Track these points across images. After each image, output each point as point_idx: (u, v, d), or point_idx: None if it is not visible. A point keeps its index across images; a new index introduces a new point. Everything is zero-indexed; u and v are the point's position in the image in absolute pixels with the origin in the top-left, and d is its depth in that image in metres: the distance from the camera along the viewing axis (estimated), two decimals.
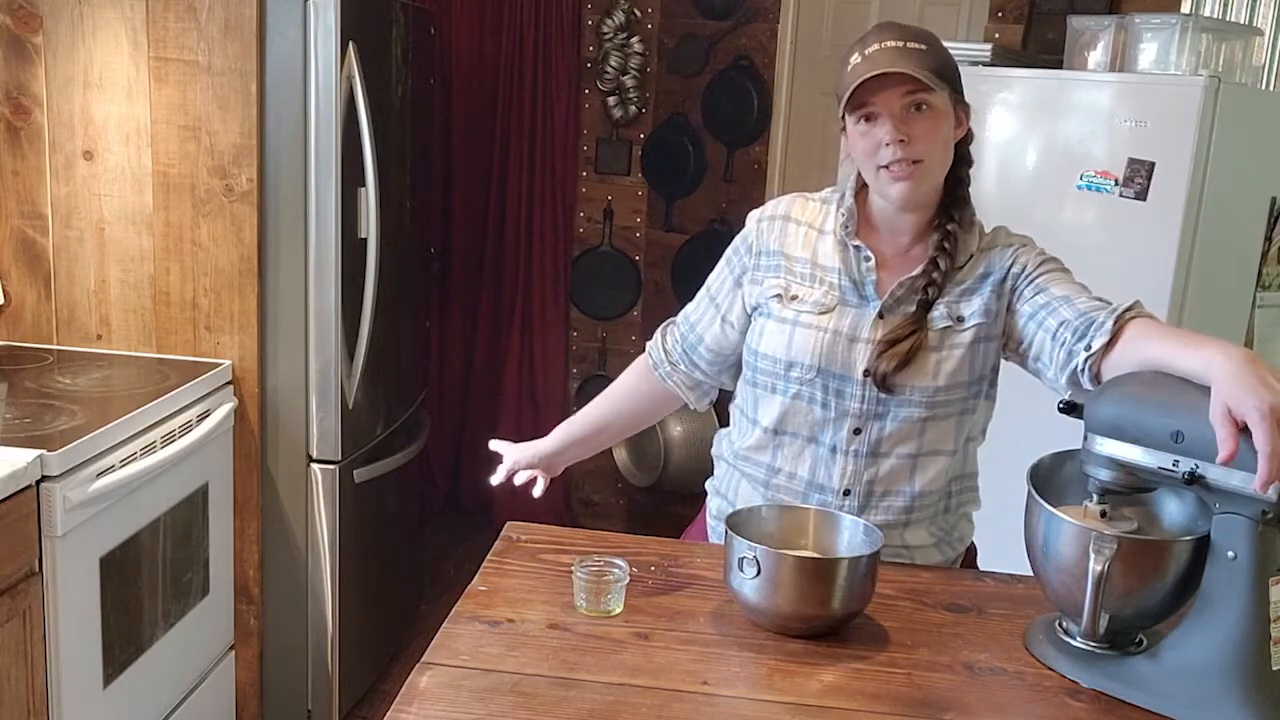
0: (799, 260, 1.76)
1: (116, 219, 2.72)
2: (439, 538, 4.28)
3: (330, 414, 2.83)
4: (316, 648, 2.94)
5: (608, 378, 4.49)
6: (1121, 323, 1.55)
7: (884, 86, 1.61)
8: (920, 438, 1.72)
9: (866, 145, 1.66)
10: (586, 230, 4.46)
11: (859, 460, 1.73)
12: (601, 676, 1.39)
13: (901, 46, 1.62)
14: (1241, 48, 2.86)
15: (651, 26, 4.29)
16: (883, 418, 1.71)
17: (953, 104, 1.67)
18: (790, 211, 1.81)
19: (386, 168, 2.96)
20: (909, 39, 1.64)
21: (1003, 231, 1.78)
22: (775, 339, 1.74)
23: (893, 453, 1.72)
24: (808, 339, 1.72)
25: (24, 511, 2.03)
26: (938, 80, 1.62)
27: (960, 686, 1.42)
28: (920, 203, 1.70)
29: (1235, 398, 1.29)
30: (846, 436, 1.73)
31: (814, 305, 1.73)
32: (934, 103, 1.63)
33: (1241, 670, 1.33)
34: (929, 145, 1.64)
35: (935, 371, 1.69)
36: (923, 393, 1.69)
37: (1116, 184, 2.69)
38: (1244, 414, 1.28)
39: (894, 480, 1.73)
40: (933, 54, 1.64)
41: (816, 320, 1.72)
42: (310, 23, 2.67)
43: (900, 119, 1.62)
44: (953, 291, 1.71)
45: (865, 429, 1.72)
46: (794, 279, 1.76)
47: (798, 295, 1.74)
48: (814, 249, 1.76)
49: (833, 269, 1.74)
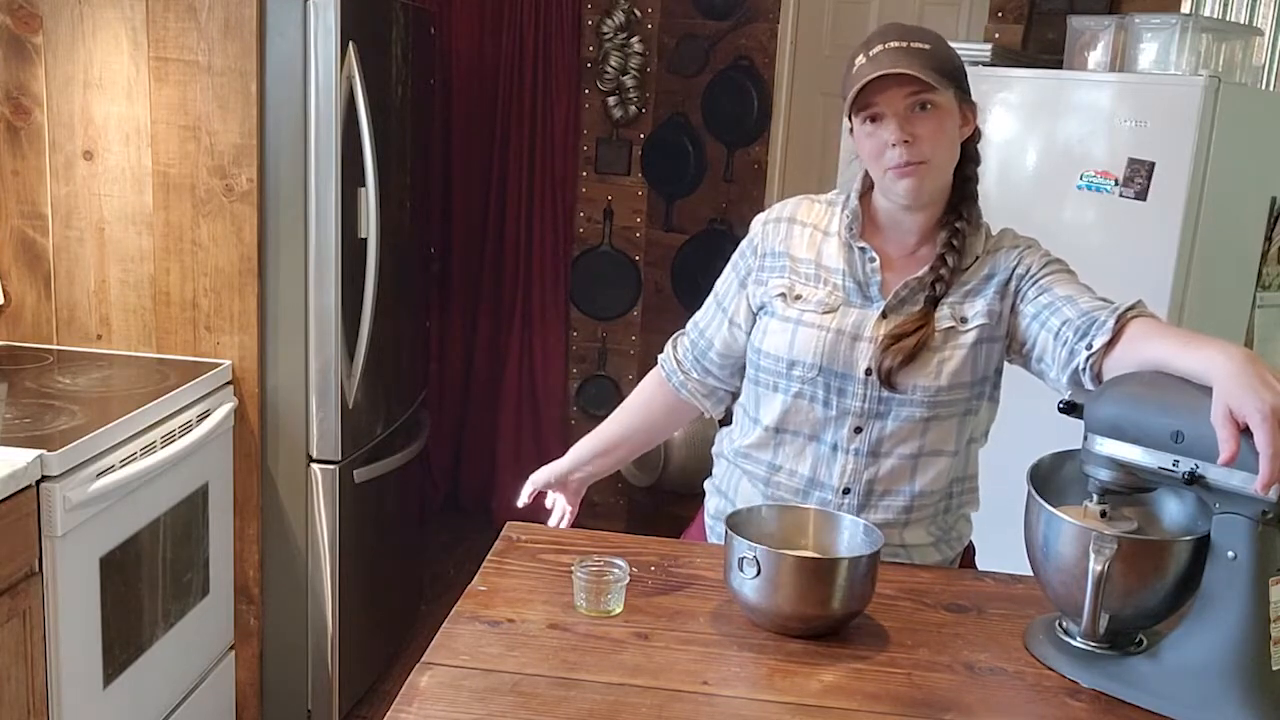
0: (803, 261, 1.77)
1: (116, 219, 2.72)
2: (439, 538, 4.28)
3: (330, 414, 2.83)
4: (316, 648, 2.94)
5: (608, 378, 4.53)
6: (1123, 322, 1.55)
7: (888, 87, 1.61)
8: (922, 438, 1.72)
9: (873, 146, 1.66)
10: (586, 230, 4.46)
11: (859, 459, 1.73)
12: (601, 676, 1.39)
13: (905, 47, 1.62)
14: (1241, 48, 2.86)
15: (651, 26, 4.29)
16: (884, 417, 1.71)
17: (958, 102, 1.67)
18: (796, 214, 1.81)
19: (386, 168, 2.96)
20: (913, 39, 1.64)
21: (1009, 234, 1.78)
22: (778, 337, 1.75)
23: (894, 452, 1.72)
24: (810, 337, 1.72)
25: (24, 511, 2.03)
26: (941, 79, 1.62)
27: (960, 686, 1.42)
28: (926, 201, 1.70)
29: (1236, 398, 1.29)
30: (847, 435, 1.73)
31: (817, 305, 1.73)
32: (938, 102, 1.63)
33: (1241, 670, 1.33)
34: (934, 145, 1.64)
35: (938, 371, 1.69)
36: (925, 392, 1.69)
37: (1116, 184, 2.69)
38: (1245, 415, 1.28)
39: (894, 480, 1.73)
40: (937, 53, 1.64)
41: (819, 319, 1.72)
42: (310, 23, 2.67)
43: (905, 119, 1.62)
44: (957, 292, 1.71)
45: (866, 428, 1.72)
46: (798, 279, 1.76)
47: (801, 295, 1.75)
48: (819, 249, 1.77)
49: (837, 270, 1.74)
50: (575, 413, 4.58)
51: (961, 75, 1.68)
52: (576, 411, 4.58)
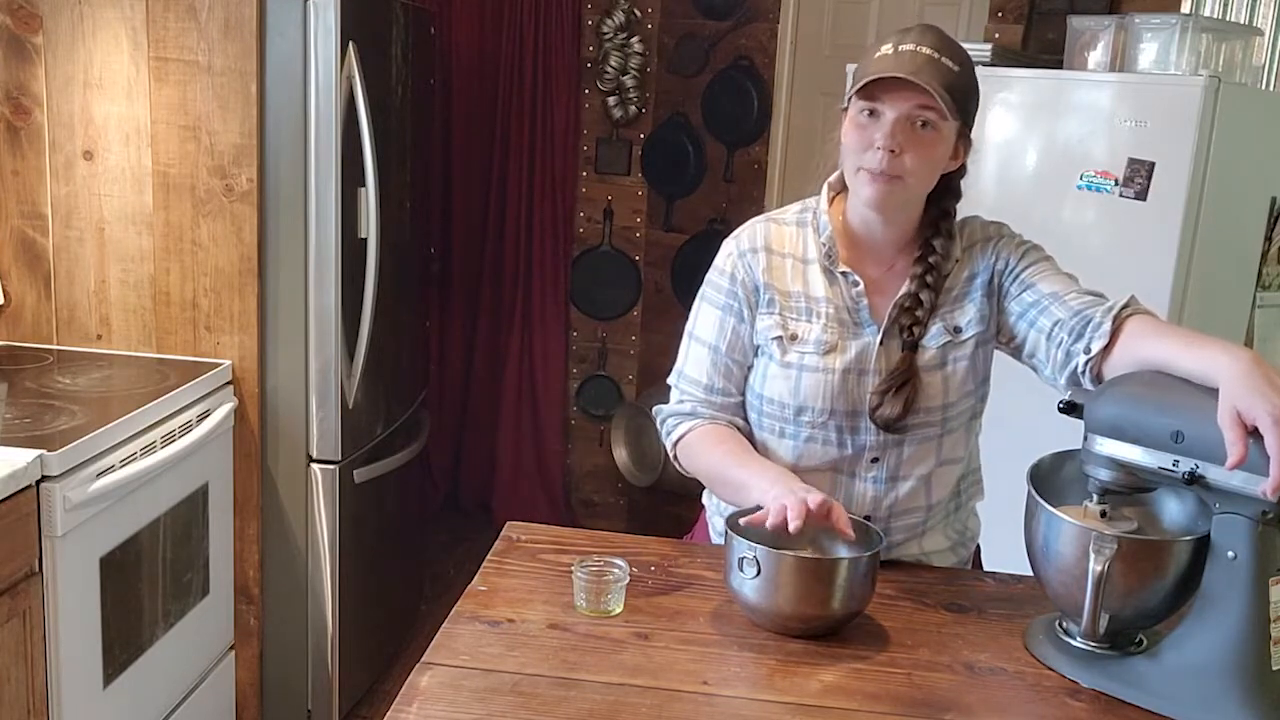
0: (793, 294, 1.71)
1: (116, 219, 2.72)
2: (439, 538, 4.28)
3: (330, 414, 2.83)
4: (316, 648, 2.94)
5: (608, 378, 4.53)
6: (1119, 322, 1.54)
7: (900, 89, 1.56)
8: (937, 454, 1.71)
9: (859, 139, 1.61)
10: (586, 230, 4.46)
11: (879, 486, 1.72)
12: (601, 676, 1.39)
13: (936, 59, 1.56)
14: (1241, 48, 2.86)
15: (651, 26, 4.29)
16: (900, 445, 1.70)
17: (957, 135, 1.63)
18: (769, 243, 1.73)
19: (386, 168, 2.96)
20: (946, 54, 1.58)
21: (977, 226, 1.74)
22: (780, 384, 1.70)
23: (912, 474, 1.71)
24: (816, 382, 1.68)
25: (24, 511, 2.03)
26: (953, 108, 1.57)
27: (960, 686, 1.42)
28: (890, 214, 1.66)
29: (1245, 401, 1.29)
30: (865, 466, 1.71)
31: (816, 345, 1.68)
32: (939, 126, 1.58)
33: (1241, 670, 1.33)
34: (917, 164, 1.59)
35: (945, 389, 1.68)
36: (936, 412, 1.68)
37: (1116, 184, 2.69)
38: (1254, 418, 1.27)
39: (912, 499, 1.73)
40: (961, 80, 1.59)
41: (822, 361, 1.68)
42: (310, 23, 2.67)
43: (901, 128, 1.57)
44: (945, 301, 1.69)
45: (884, 457, 1.70)
46: (790, 315, 1.70)
47: (797, 335, 1.69)
48: (805, 280, 1.71)
49: (825, 299, 1.70)
50: (575, 413, 4.58)
51: (972, 110, 1.63)
52: (576, 411, 4.58)
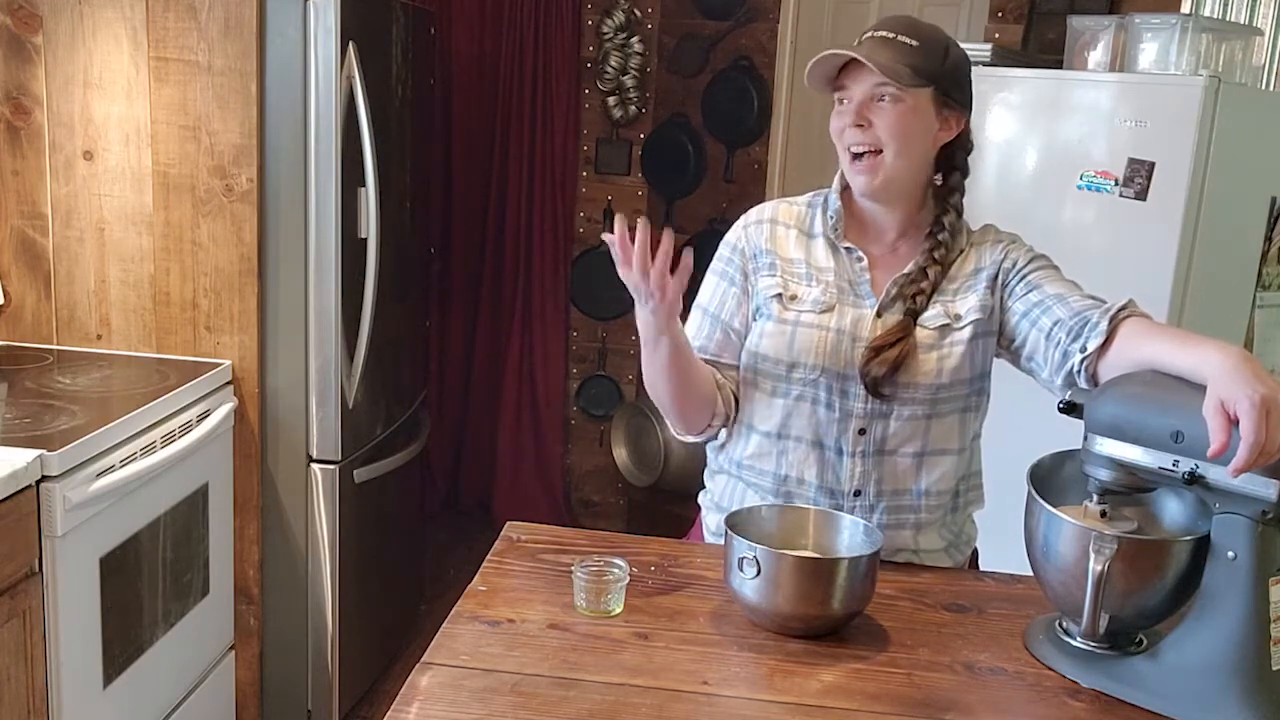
0: (795, 261, 1.77)
1: (116, 219, 2.72)
2: (439, 538, 4.27)
3: (330, 414, 2.83)
4: (316, 648, 2.94)
5: (608, 378, 4.53)
6: (1116, 322, 1.56)
7: (859, 71, 1.65)
8: (925, 435, 1.72)
9: (836, 124, 1.72)
10: (586, 230, 4.45)
11: (866, 460, 1.73)
12: (601, 676, 1.39)
13: (890, 38, 1.65)
14: (1241, 48, 2.85)
15: (651, 26, 4.29)
16: (887, 417, 1.71)
17: (936, 104, 1.68)
18: (776, 215, 1.82)
19: (386, 168, 2.96)
20: (902, 32, 1.66)
21: (991, 229, 1.80)
22: (776, 340, 1.74)
23: (899, 451, 1.72)
24: (810, 338, 1.71)
25: (24, 511, 2.03)
26: (915, 78, 1.63)
27: (960, 686, 1.42)
28: (883, 195, 1.72)
29: (1228, 391, 1.30)
30: (852, 438, 1.72)
31: (814, 304, 1.73)
32: (901, 96, 1.65)
33: (1241, 670, 1.33)
34: (890, 135, 1.66)
35: (938, 369, 1.69)
36: (927, 390, 1.69)
37: (1116, 184, 2.69)
38: (1235, 404, 1.28)
39: (902, 479, 1.73)
40: (922, 51, 1.65)
41: (818, 319, 1.72)
42: (310, 23, 2.67)
43: (865, 105, 1.66)
44: (947, 290, 1.72)
45: (870, 429, 1.72)
46: (791, 278, 1.76)
47: (796, 294, 1.74)
48: (807, 249, 1.77)
49: (828, 269, 1.75)
50: (575, 413, 4.58)
51: (946, 79, 1.68)
52: (576, 411, 4.58)
